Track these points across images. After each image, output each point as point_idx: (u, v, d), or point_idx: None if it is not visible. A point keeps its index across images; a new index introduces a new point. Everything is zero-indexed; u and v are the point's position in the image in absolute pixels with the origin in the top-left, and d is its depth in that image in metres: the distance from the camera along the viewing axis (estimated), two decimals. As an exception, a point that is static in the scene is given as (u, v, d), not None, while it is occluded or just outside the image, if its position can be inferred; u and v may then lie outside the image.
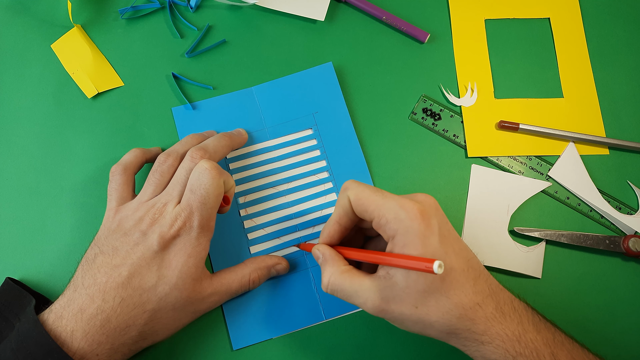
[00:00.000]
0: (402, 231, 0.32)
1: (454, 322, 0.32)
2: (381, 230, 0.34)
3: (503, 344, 0.32)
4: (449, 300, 0.32)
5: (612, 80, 0.49)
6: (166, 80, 0.48)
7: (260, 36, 0.50)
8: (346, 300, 0.35)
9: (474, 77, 0.49)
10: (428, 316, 0.32)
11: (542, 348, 0.32)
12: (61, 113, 0.47)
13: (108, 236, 0.37)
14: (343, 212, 0.36)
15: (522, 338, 0.33)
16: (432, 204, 0.34)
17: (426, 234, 0.32)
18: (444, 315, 0.32)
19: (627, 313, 0.43)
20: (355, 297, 0.34)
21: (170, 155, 0.40)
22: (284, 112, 0.47)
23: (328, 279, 0.35)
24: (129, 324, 0.34)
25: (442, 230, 0.33)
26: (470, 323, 0.33)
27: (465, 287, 0.33)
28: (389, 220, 0.33)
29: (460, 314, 0.32)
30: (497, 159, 0.47)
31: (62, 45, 0.49)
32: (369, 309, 0.34)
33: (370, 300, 0.33)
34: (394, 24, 0.50)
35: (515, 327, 0.33)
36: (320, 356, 0.41)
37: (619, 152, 0.47)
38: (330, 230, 0.37)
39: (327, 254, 0.36)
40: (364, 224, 0.39)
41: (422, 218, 0.32)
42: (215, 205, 0.37)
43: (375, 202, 0.34)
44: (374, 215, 0.34)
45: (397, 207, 0.33)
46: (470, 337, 0.33)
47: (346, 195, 0.35)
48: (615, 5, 0.52)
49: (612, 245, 0.43)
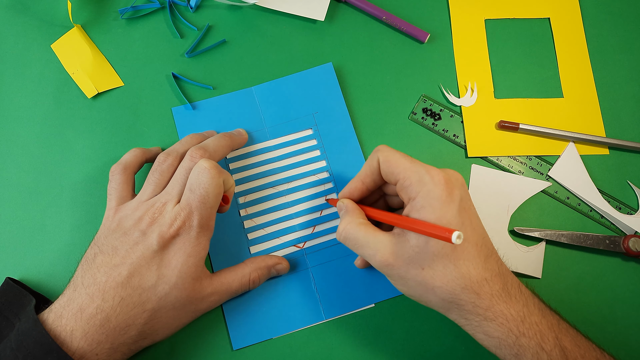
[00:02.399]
0: (424, 194, 0.33)
1: (457, 292, 0.33)
2: (403, 192, 0.35)
3: (507, 323, 0.32)
4: (456, 269, 0.33)
5: (612, 80, 0.49)
6: (166, 80, 0.48)
7: (260, 36, 0.50)
8: (356, 250, 0.36)
9: (474, 77, 0.49)
10: (432, 279, 0.33)
11: (546, 331, 0.33)
12: (61, 113, 0.47)
13: (108, 236, 0.37)
14: (369, 172, 0.37)
15: (527, 319, 0.33)
16: (459, 178, 0.35)
17: (447, 201, 0.32)
18: (448, 282, 0.33)
19: (627, 313, 0.43)
20: (366, 247, 0.35)
21: (170, 155, 0.40)
22: (284, 112, 0.47)
23: (344, 226, 0.36)
24: (129, 324, 0.34)
25: (463, 203, 0.34)
26: (475, 296, 0.33)
27: (476, 260, 0.33)
28: (413, 183, 0.34)
29: (465, 285, 0.33)
30: (497, 159, 0.47)
31: (62, 45, 0.49)
32: (377, 261, 0.34)
33: (380, 253, 0.34)
34: (394, 24, 0.50)
35: (521, 308, 0.33)
36: (320, 356, 0.41)
37: (619, 152, 0.47)
38: (352, 187, 0.39)
39: (350, 206, 0.38)
40: (388, 189, 0.39)
41: (445, 185, 0.33)
42: (214, 205, 0.37)
43: (403, 164, 0.35)
44: (399, 177, 0.35)
45: (424, 171, 0.34)
46: (473, 310, 0.33)
47: (376, 156, 0.36)
48: (615, 5, 0.52)
49: (612, 245, 0.43)
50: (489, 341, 0.34)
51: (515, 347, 0.32)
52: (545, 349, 0.32)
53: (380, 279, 0.43)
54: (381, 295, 0.42)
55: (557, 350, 0.32)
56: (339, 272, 0.43)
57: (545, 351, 0.32)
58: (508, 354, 0.33)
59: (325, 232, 0.44)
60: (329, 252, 0.43)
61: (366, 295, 0.42)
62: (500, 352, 0.33)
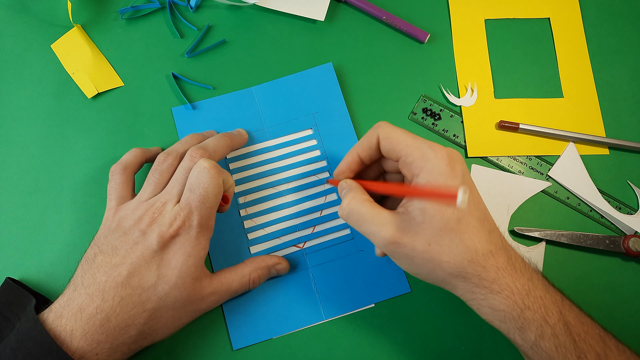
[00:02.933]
0: (428, 169, 0.33)
1: (464, 265, 0.33)
2: (406, 169, 0.35)
3: (512, 296, 0.33)
4: (462, 242, 0.33)
5: (612, 80, 0.49)
6: (166, 80, 0.48)
7: (260, 36, 0.50)
8: (359, 227, 0.35)
9: (474, 77, 0.49)
10: (439, 255, 0.33)
11: (551, 306, 0.33)
12: (61, 113, 0.47)
13: (108, 235, 0.37)
14: (367, 146, 0.37)
15: (532, 293, 0.33)
16: (459, 155, 0.35)
17: (450, 176, 0.33)
18: (455, 256, 0.33)
19: (627, 313, 0.43)
20: (371, 223, 0.34)
21: (169, 155, 0.40)
22: (284, 112, 0.47)
23: (348, 202, 0.36)
24: (129, 323, 0.34)
25: (465, 179, 0.34)
26: (481, 269, 0.33)
27: (480, 234, 0.33)
28: (416, 159, 0.34)
29: (472, 258, 0.33)
30: (497, 159, 0.47)
31: (62, 45, 0.49)
32: (382, 237, 0.34)
33: (385, 229, 0.34)
34: (394, 24, 0.50)
35: (526, 282, 0.33)
36: (320, 356, 0.41)
37: (619, 152, 0.47)
38: (349, 160, 0.38)
39: (353, 184, 0.37)
40: (387, 165, 0.39)
41: (448, 160, 0.33)
42: (214, 205, 0.37)
43: (404, 141, 0.35)
44: (401, 154, 0.35)
45: (427, 147, 0.34)
46: (479, 283, 0.33)
47: (376, 132, 0.36)
48: (615, 5, 0.52)
49: (612, 245, 0.43)
50: (494, 315, 0.33)
51: (519, 320, 0.33)
52: (550, 322, 0.32)
53: (380, 279, 0.43)
54: (381, 295, 0.42)
55: (560, 325, 0.32)
56: (339, 272, 0.43)
57: (550, 325, 0.32)
58: (512, 327, 0.33)
59: (325, 232, 0.44)
60: (329, 252, 0.43)
61: (366, 295, 0.42)
62: (505, 325, 0.33)
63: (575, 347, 0.32)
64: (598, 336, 0.33)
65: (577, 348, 0.32)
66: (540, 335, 0.32)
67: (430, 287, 0.43)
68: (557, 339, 0.32)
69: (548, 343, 0.32)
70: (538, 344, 0.32)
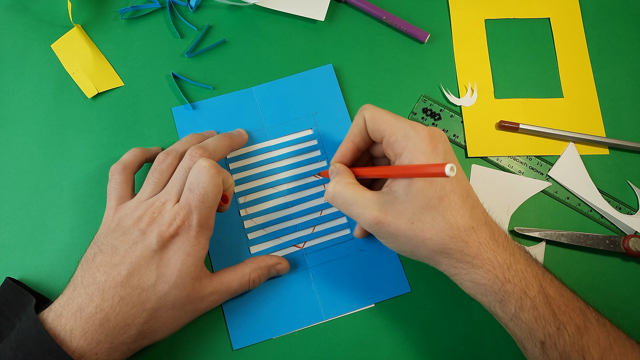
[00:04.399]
0: (410, 148, 0.34)
1: (446, 242, 0.33)
2: (390, 148, 0.35)
3: (493, 270, 0.33)
4: (444, 219, 0.33)
5: (612, 80, 0.49)
6: (166, 80, 0.48)
7: (260, 36, 0.50)
8: (345, 209, 0.36)
9: (474, 77, 0.49)
10: (422, 232, 0.33)
11: (531, 279, 0.33)
12: (61, 113, 0.47)
13: (107, 235, 0.37)
14: (357, 131, 0.38)
15: (513, 267, 0.33)
16: (442, 134, 0.35)
17: (432, 155, 0.33)
18: (438, 232, 0.33)
19: (627, 313, 0.43)
20: (355, 206, 0.35)
21: (169, 154, 0.40)
22: (284, 113, 0.47)
23: (333, 186, 0.37)
24: (128, 323, 0.34)
25: (447, 157, 0.34)
26: (463, 244, 0.33)
27: (462, 210, 0.34)
28: (399, 139, 0.34)
29: (454, 234, 0.33)
30: (497, 159, 0.47)
31: (62, 45, 0.49)
32: (366, 218, 0.35)
33: (369, 210, 0.34)
34: (394, 24, 0.50)
35: (507, 256, 0.34)
36: (320, 356, 0.41)
37: (619, 152, 0.47)
38: (344, 148, 0.39)
39: (341, 169, 0.38)
40: (375, 150, 0.40)
41: (430, 139, 0.34)
42: (214, 204, 0.37)
43: (388, 121, 0.35)
44: (385, 134, 0.35)
45: (409, 126, 0.34)
46: (462, 258, 0.34)
47: (362, 115, 0.37)
48: (615, 5, 0.52)
49: (612, 245, 0.43)
50: (476, 289, 0.34)
51: (500, 293, 0.33)
52: (529, 295, 0.33)
53: (380, 279, 0.43)
54: (381, 295, 0.42)
55: (540, 297, 0.33)
56: (339, 272, 0.43)
57: (529, 297, 0.33)
58: (493, 300, 0.34)
59: (325, 232, 0.44)
60: (329, 252, 0.43)
61: (366, 295, 0.42)
62: (486, 299, 0.34)
63: (554, 318, 0.32)
64: (579, 309, 0.33)
65: (557, 320, 0.32)
66: (519, 307, 0.33)
67: (431, 287, 0.43)
68: (537, 311, 0.32)
69: (527, 315, 0.33)
70: (518, 315, 0.33)
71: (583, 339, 0.32)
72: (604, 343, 0.32)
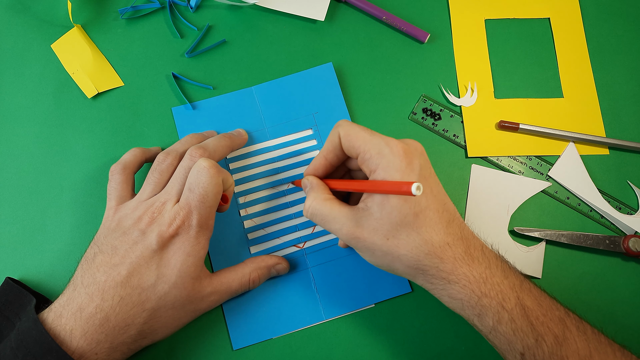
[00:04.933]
0: (383, 166, 0.33)
1: (421, 258, 0.33)
2: (365, 165, 0.35)
3: (469, 285, 0.33)
4: (419, 236, 0.33)
5: (612, 80, 0.49)
6: (166, 80, 0.48)
7: (260, 36, 0.50)
8: (323, 225, 0.36)
9: (474, 77, 0.49)
10: (397, 248, 0.33)
11: (508, 291, 0.33)
12: (61, 113, 0.47)
13: (107, 235, 0.37)
14: (331, 147, 0.38)
15: (489, 280, 0.33)
16: (418, 147, 0.35)
17: (406, 171, 0.33)
18: (412, 249, 0.33)
19: (627, 313, 0.43)
20: (332, 222, 0.35)
21: (169, 154, 0.40)
22: (284, 112, 0.47)
23: (310, 203, 0.37)
24: (128, 323, 0.34)
25: (423, 172, 0.34)
26: (438, 261, 0.33)
27: (438, 226, 0.34)
28: (373, 155, 0.34)
29: (429, 250, 0.33)
30: (497, 159, 0.47)
31: (62, 45, 0.49)
32: (343, 234, 0.35)
33: (345, 226, 0.35)
34: (394, 24, 0.50)
35: (483, 270, 0.34)
36: (320, 356, 0.41)
37: (619, 152, 0.47)
38: (317, 164, 0.39)
39: (314, 183, 0.38)
40: (351, 164, 0.40)
41: (404, 156, 0.33)
42: (214, 204, 0.37)
43: (362, 137, 0.35)
44: (359, 150, 0.35)
45: (383, 143, 0.34)
46: (437, 274, 0.34)
47: (337, 132, 0.37)
48: (615, 5, 0.52)
49: (612, 245, 0.43)
50: (453, 303, 0.34)
51: (477, 308, 0.33)
52: (506, 307, 0.33)
53: (380, 279, 0.43)
54: (381, 295, 0.42)
55: (517, 309, 0.33)
56: (339, 272, 0.43)
57: (506, 310, 0.33)
58: (471, 314, 0.34)
59: (325, 232, 0.44)
60: (329, 252, 0.43)
61: (366, 295, 0.42)
62: (464, 312, 0.34)
63: (532, 330, 0.32)
64: (557, 318, 0.33)
65: (535, 331, 0.32)
66: (497, 320, 0.33)
67: (430, 287, 0.43)
68: (515, 323, 0.32)
69: (505, 327, 0.33)
70: (496, 328, 0.33)
71: (562, 349, 0.32)
72: (584, 352, 0.32)
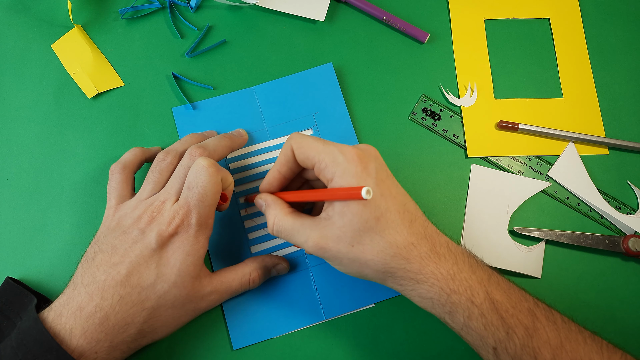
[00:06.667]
0: (340, 173, 0.34)
1: (388, 261, 0.33)
2: (321, 175, 0.35)
3: (437, 282, 0.33)
4: (383, 239, 0.33)
5: (612, 80, 0.49)
6: (166, 80, 0.48)
7: (260, 36, 0.50)
8: (289, 240, 0.36)
9: (473, 77, 0.49)
10: (363, 254, 0.34)
11: (476, 286, 0.33)
12: (61, 113, 0.47)
13: (107, 234, 0.37)
14: (285, 160, 0.38)
15: (457, 277, 0.33)
16: (372, 152, 0.36)
17: (362, 176, 0.33)
18: (378, 253, 0.33)
19: (627, 313, 0.43)
20: (297, 235, 0.35)
21: (169, 154, 0.40)
22: (284, 112, 0.47)
23: (273, 220, 0.37)
24: (128, 322, 0.34)
25: (379, 175, 0.34)
26: (404, 262, 0.33)
27: (400, 227, 0.34)
28: (328, 164, 0.34)
29: (394, 252, 0.33)
30: (497, 159, 0.47)
31: (62, 45, 0.49)
32: (309, 246, 0.35)
33: (310, 239, 0.35)
34: (394, 24, 0.50)
35: (450, 267, 0.34)
36: (320, 356, 0.41)
37: (619, 152, 0.47)
38: (270, 178, 0.39)
39: (270, 200, 0.38)
40: (308, 174, 0.40)
41: (359, 161, 0.34)
42: (213, 203, 0.37)
43: (316, 148, 0.35)
44: (314, 161, 0.35)
45: (337, 151, 0.34)
46: (405, 276, 0.34)
47: (289, 144, 0.37)
48: (615, 5, 0.52)
49: (612, 245, 0.43)
50: (424, 302, 0.34)
51: (447, 305, 0.33)
52: (476, 302, 0.33)
53: (380, 279, 0.43)
54: (381, 295, 0.42)
55: (487, 303, 0.33)
56: (339, 272, 0.43)
57: (476, 305, 0.33)
58: (442, 312, 0.34)
59: (325, 232, 0.44)
60: (328, 252, 0.43)
61: (366, 295, 0.42)
62: (435, 311, 0.34)
63: (503, 323, 0.32)
64: (527, 309, 0.33)
65: (505, 324, 0.32)
66: (468, 316, 0.33)
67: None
68: (485, 318, 0.33)
69: (476, 323, 0.33)
70: (467, 325, 0.33)
71: (533, 340, 0.32)
72: (555, 342, 0.32)
